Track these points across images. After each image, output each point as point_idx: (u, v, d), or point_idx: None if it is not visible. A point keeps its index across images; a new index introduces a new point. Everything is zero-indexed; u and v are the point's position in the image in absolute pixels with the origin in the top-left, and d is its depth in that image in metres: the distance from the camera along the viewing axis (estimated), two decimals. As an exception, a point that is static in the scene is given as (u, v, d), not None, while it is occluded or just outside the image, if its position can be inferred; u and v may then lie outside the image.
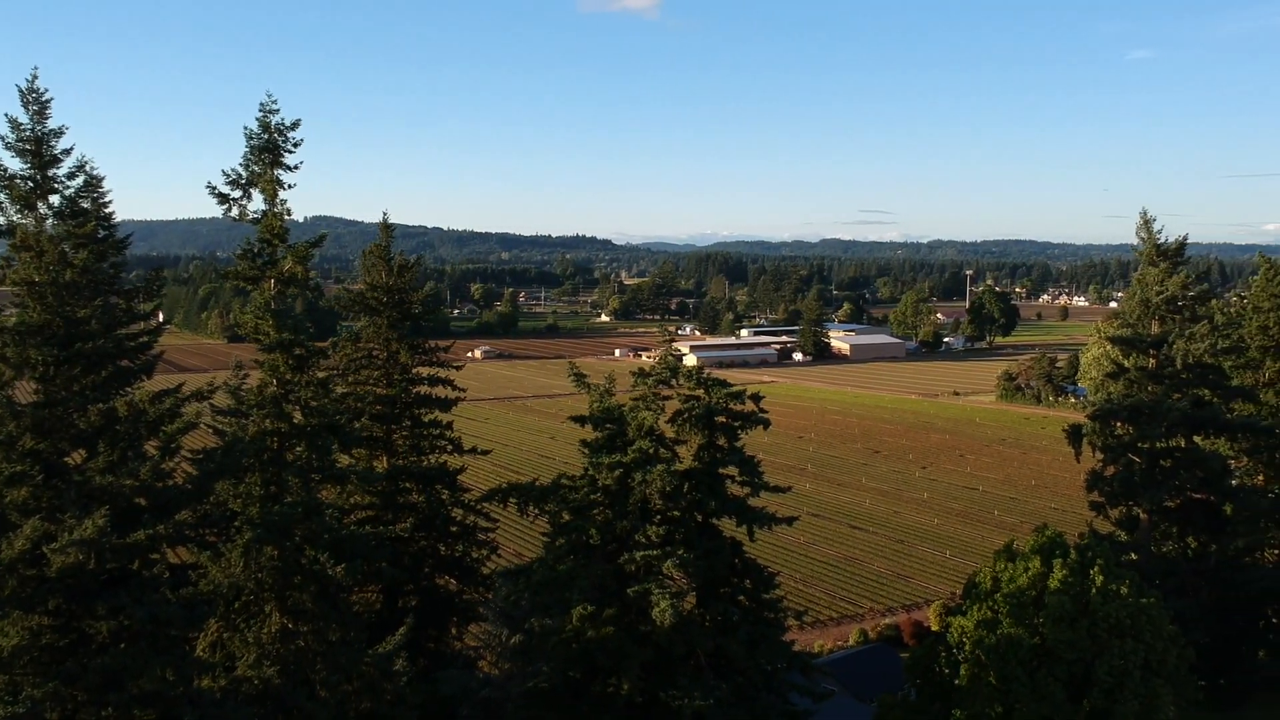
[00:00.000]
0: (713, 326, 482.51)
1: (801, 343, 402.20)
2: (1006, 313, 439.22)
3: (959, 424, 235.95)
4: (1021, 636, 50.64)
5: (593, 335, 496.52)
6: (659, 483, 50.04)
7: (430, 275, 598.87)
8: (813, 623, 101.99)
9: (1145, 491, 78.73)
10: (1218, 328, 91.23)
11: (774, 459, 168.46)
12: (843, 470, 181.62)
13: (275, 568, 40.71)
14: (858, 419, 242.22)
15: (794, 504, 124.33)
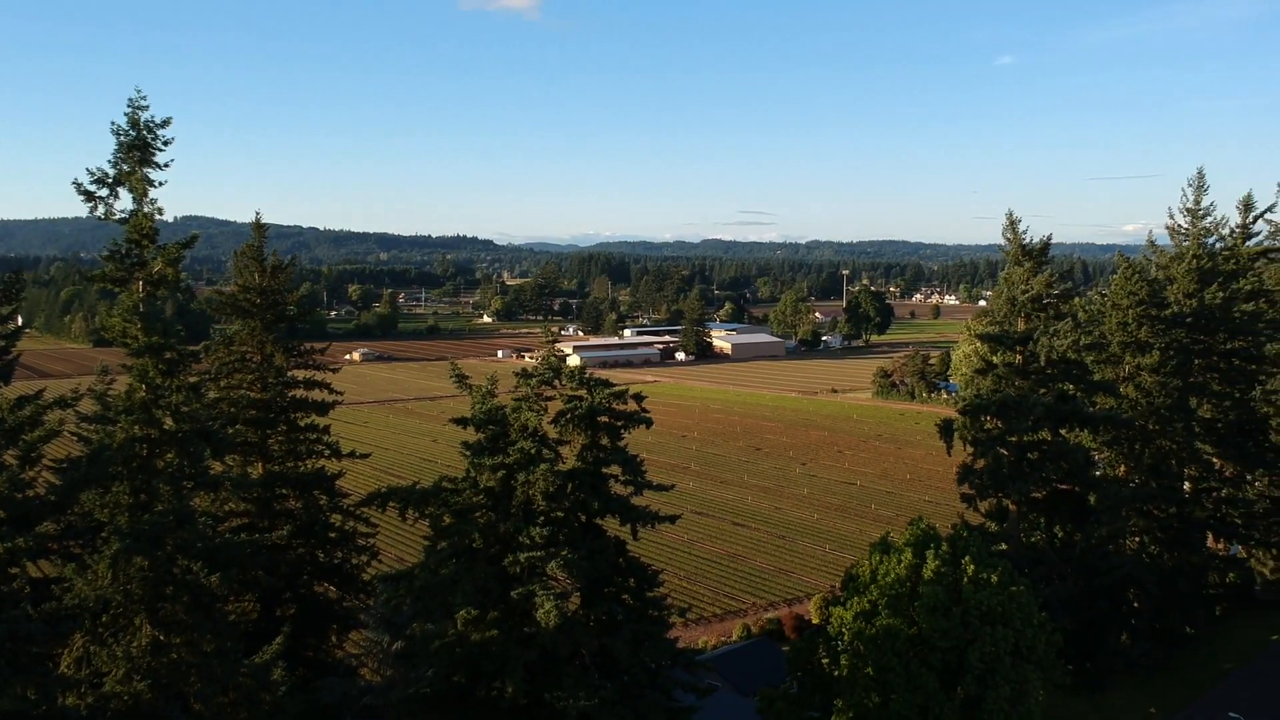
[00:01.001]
0: (596, 327, 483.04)
1: (684, 342, 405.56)
2: (881, 312, 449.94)
3: (837, 421, 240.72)
4: (898, 627, 51.86)
5: (475, 336, 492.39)
6: (542, 483, 49.89)
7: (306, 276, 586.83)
8: (696, 619, 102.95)
9: (1013, 483, 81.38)
10: (1080, 325, 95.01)
11: (657, 458, 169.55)
12: (725, 468, 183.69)
13: (145, 579, 39.39)
14: (740, 417, 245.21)
15: (677, 502, 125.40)
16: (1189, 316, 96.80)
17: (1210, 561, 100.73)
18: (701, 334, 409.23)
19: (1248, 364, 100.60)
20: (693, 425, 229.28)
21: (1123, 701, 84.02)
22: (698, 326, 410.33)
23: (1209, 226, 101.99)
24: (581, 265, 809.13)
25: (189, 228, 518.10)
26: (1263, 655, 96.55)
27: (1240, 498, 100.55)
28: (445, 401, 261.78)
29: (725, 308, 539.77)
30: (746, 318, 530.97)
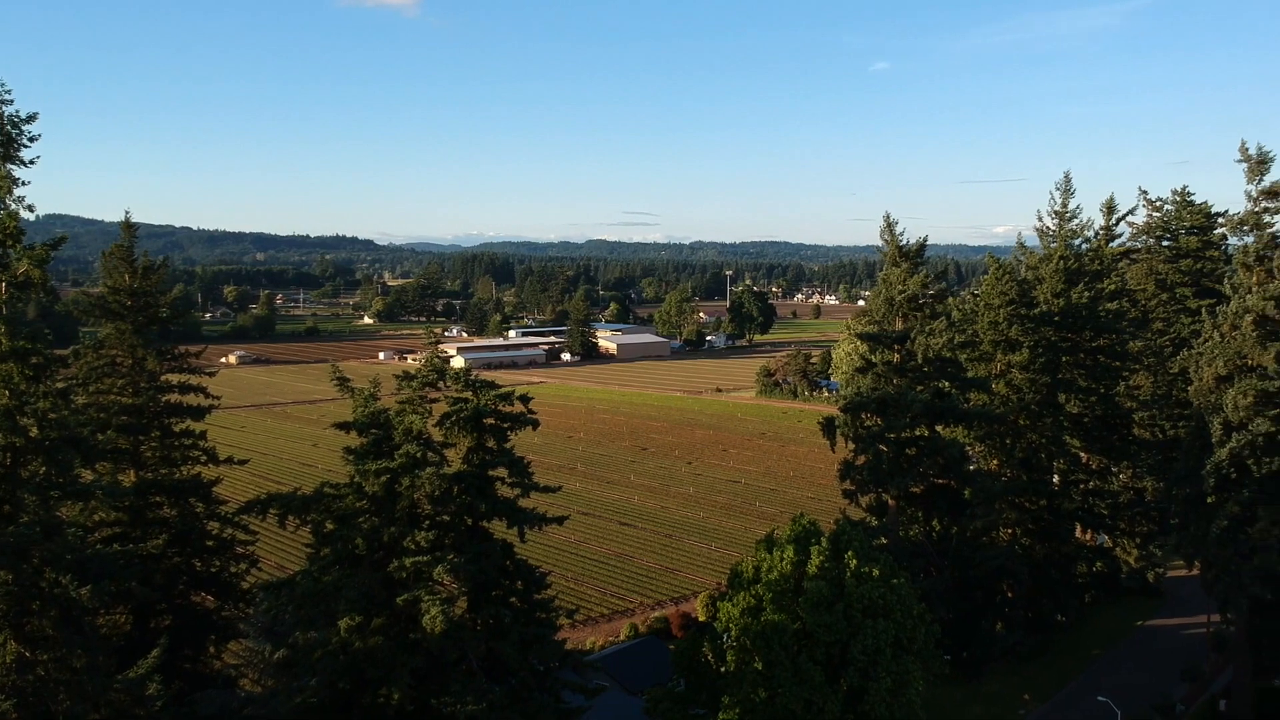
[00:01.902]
0: (480, 328, 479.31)
1: (570, 343, 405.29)
2: (764, 311, 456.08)
3: (722, 419, 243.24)
4: (783, 622, 52.63)
5: (356, 338, 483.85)
6: (427, 487, 49.31)
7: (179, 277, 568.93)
8: (584, 620, 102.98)
9: (893, 478, 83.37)
10: (954, 324, 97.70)
11: (544, 459, 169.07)
12: (612, 468, 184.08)
13: (10, 593, 37.72)
14: (626, 417, 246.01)
15: (564, 503, 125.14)
16: (1057, 315, 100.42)
17: (1078, 551, 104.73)
18: (587, 334, 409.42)
19: (1112, 361, 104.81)
20: (579, 426, 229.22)
21: (998, 688, 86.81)
22: (583, 327, 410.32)
23: (1075, 229, 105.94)
24: (465, 265, 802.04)
25: (54, 227, 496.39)
26: (1127, 640, 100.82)
27: (1106, 490, 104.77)
28: (326, 405, 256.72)
29: (610, 308, 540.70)
30: (632, 318, 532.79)
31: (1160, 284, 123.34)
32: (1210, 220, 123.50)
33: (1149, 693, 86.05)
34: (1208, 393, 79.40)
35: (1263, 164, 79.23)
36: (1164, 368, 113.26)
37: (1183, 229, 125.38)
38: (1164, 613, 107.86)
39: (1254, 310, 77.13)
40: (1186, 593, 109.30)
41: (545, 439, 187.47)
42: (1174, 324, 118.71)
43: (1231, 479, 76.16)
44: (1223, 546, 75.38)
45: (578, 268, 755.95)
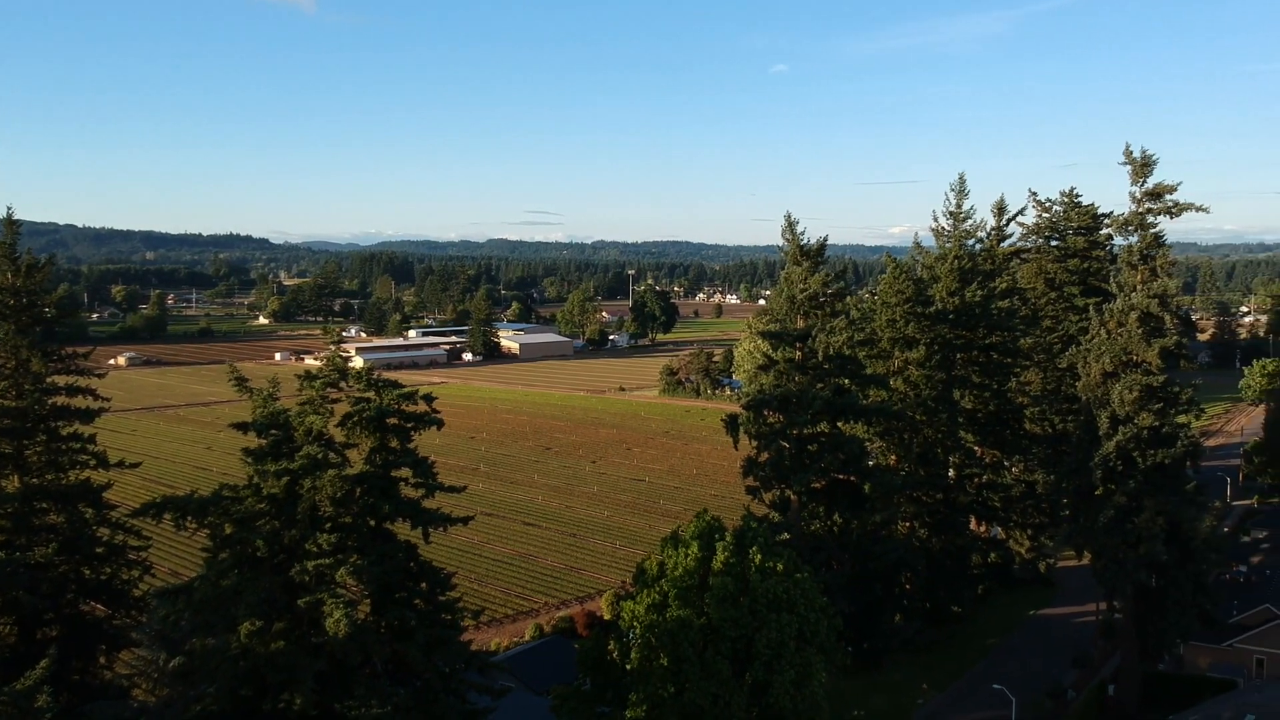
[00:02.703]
0: (379, 328, 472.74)
1: (471, 343, 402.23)
2: (667, 311, 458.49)
3: (625, 418, 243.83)
4: (690, 618, 52.95)
5: (251, 339, 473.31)
6: (330, 488, 48.49)
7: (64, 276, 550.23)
8: (489, 621, 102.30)
9: (795, 474, 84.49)
10: (854, 322, 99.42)
11: (447, 460, 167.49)
12: (515, 468, 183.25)
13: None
14: (529, 417, 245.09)
15: (468, 504, 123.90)
16: (952, 313, 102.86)
17: (973, 543, 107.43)
18: (489, 334, 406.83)
19: (1004, 357, 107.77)
20: (482, 426, 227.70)
21: (898, 678, 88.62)
22: (485, 327, 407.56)
23: (969, 229, 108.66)
24: (363, 265, 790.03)
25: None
26: (1021, 629, 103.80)
27: (999, 483, 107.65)
28: (220, 407, 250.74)
29: (512, 308, 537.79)
30: (534, 318, 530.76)
31: (1049, 283, 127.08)
32: (1096, 221, 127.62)
33: (1042, 679, 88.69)
34: (1095, 388, 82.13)
35: (1146, 166, 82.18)
36: (1053, 364, 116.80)
37: (1070, 229, 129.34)
38: (1055, 602, 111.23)
39: (1138, 308, 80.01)
40: (1076, 582, 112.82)
41: (448, 440, 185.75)
42: (1062, 321, 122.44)
43: (1118, 471, 78.94)
44: (1110, 536, 78.08)
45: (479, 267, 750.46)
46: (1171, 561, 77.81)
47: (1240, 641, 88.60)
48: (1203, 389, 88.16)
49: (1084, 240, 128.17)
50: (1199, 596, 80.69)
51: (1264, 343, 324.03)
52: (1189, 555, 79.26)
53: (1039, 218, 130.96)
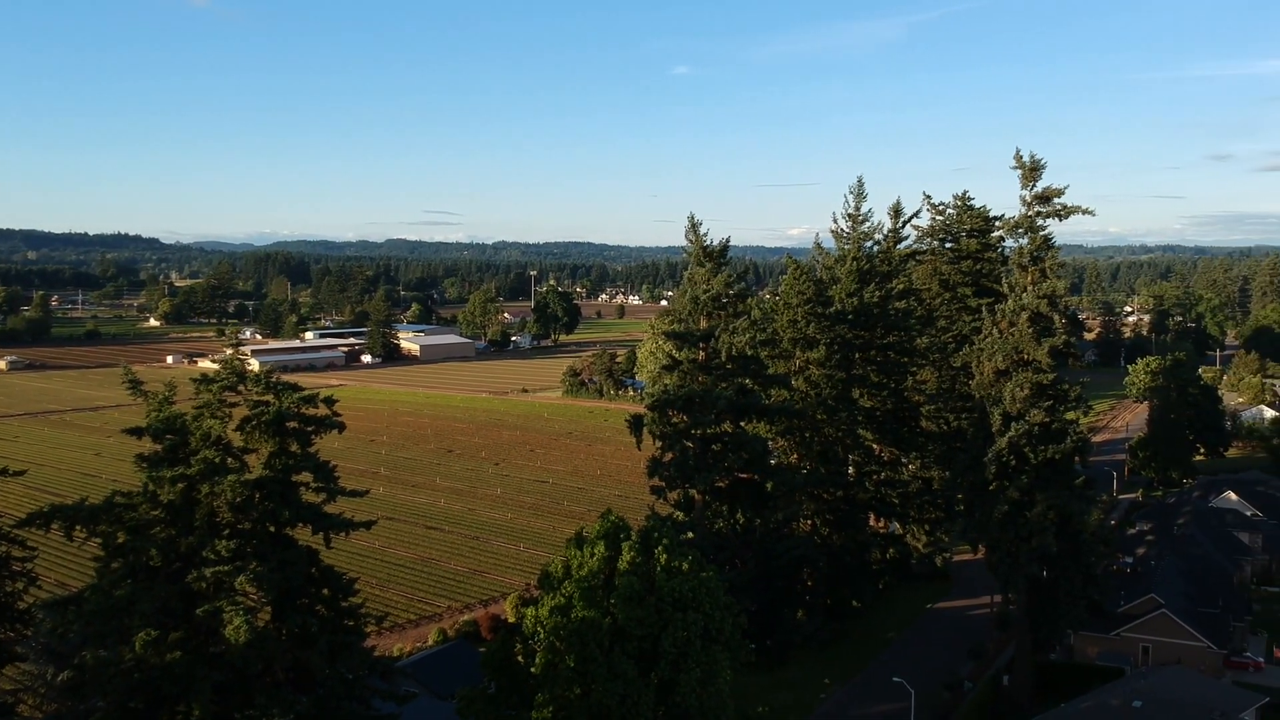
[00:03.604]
0: (275, 329, 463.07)
1: (370, 344, 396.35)
2: (569, 312, 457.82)
3: (528, 420, 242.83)
4: (596, 619, 52.94)
5: (141, 341, 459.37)
6: (228, 494, 47.43)
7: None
8: (392, 627, 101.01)
9: (699, 474, 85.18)
10: (756, 323, 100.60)
11: (348, 464, 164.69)
12: (417, 471, 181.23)
13: None
14: (430, 419, 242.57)
15: (370, 508, 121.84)
16: (851, 314, 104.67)
17: (873, 539, 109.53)
18: (388, 335, 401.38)
19: (901, 357, 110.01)
20: (382, 429, 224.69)
21: (801, 674, 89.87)
22: (384, 328, 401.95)
23: (867, 231, 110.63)
24: (258, 265, 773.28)
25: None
26: (919, 623, 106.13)
27: (897, 480, 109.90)
28: (109, 412, 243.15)
29: (412, 309, 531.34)
30: (435, 319, 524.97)
31: (944, 284, 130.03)
32: (988, 224, 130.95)
33: (940, 671, 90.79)
34: (988, 386, 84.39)
35: (1035, 171, 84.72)
36: (948, 363, 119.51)
37: (963, 232, 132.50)
38: (952, 595, 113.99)
39: (1029, 308, 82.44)
40: (972, 575, 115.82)
41: (347, 443, 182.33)
42: (956, 321, 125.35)
43: (1011, 466, 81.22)
44: (1003, 530, 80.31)
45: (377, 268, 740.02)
46: (1062, 554, 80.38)
47: (1127, 630, 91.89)
48: (1090, 386, 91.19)
49: (976, 242, 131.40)
50: (1088, 587, 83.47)
51: (1147, 341, 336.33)
52: (1078, 548, 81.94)
53: (933, 220, 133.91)
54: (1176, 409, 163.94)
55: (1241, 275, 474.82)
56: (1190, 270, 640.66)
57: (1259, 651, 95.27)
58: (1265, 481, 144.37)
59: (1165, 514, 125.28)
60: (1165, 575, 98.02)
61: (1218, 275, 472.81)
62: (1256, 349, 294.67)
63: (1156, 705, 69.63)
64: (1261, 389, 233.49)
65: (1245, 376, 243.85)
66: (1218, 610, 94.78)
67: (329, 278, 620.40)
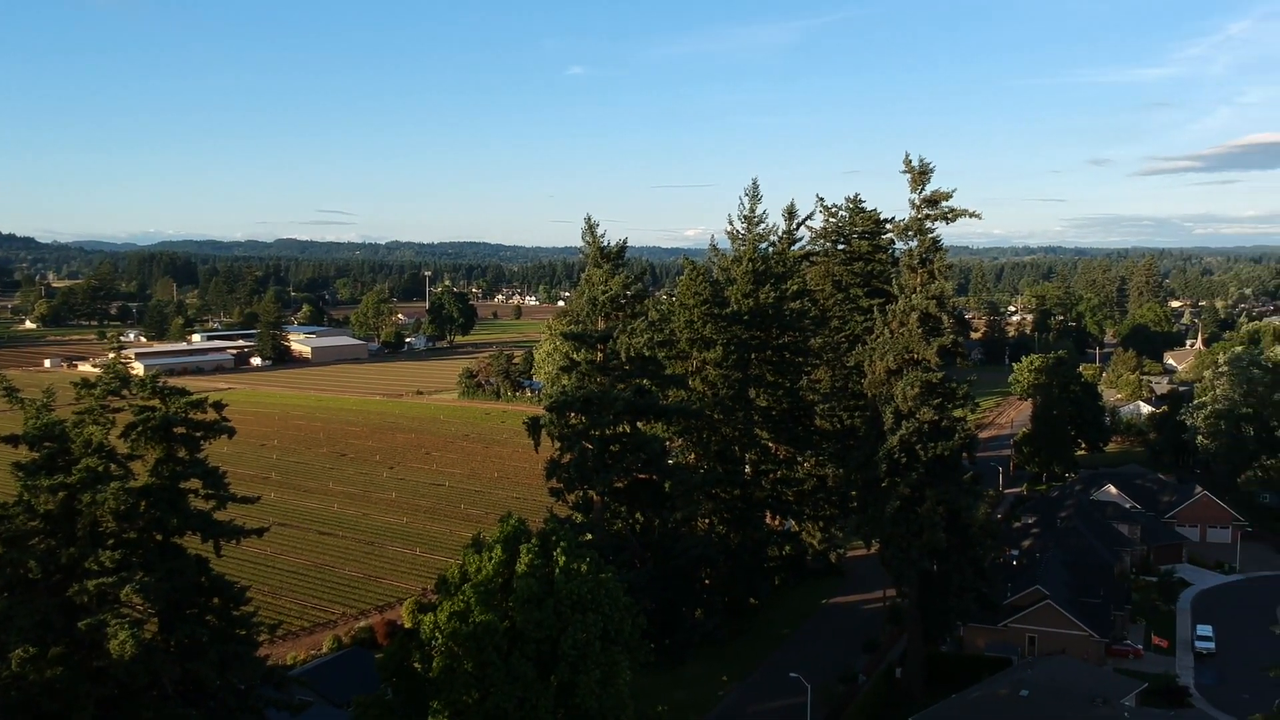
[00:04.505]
0: (160, 332, 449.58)
1: (260, 347, 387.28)
2: (465, 312, 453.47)
3: (424, 422, 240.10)
4: (493, 622, 52.59)
5: (16, 345, 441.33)
6: (112, 503, 45.89)
7: None
8: (285, 635, 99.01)
9: (598, 475, 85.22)
10: (653, 324, 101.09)
11: (237, 469, 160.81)
12: (309, 476, 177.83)
13: None
14: (323, 423, 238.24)
15: (261, 514, 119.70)
16: (747, 314, 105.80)
17: (769, 537, 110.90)
18: (279, 337, 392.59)
19: (796, 357, 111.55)
20: (273, 433, 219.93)
21: (700, 672, 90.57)
22: (274, 330, 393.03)
23: (762, 232, 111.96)
24: (142, 266, 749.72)
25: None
26: (814, 618, 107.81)
27: (793, 478, 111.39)
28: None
29: (304, 310, 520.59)
30: (327, 320, 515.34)
31: (836, 284, 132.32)
32: (879, 226, 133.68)
33: (835, 665, 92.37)
34: (880, 385, 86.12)
35: (924, 175, 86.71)
36: (841, 362, 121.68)
37: (855, 234, 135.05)
38: (846, 590, 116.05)
39: (918, 308, 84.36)
40: (865, 570, 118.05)
41: (237, 448, 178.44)
42: (849, 322, 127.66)
43: (902, 463, 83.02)
44: (895, 525, 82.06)
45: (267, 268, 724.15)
46: (951, 548, 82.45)
47: (1014, 621, 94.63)
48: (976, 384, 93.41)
49: (868, 244, 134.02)
50: (977, 580, 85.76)
51: (1030, 340, 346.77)
52: (967, 541, 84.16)
53: (826, 222, 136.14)
54: (1059, 405, 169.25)
55: (1119, 276, 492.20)
56: (1071, 271, 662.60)
57: (1138, 639, 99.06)
58: (1143, 475, 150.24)
59: (1049, 507, 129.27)
60: (1050, 567, 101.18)
61: (1097, 276, 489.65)
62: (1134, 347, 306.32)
63: (1042, 693, 71.89)
64: (1138, 385, 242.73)
65: (1123, 373, 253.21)
66: (1099, 600, 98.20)
67: (217, 278, 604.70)
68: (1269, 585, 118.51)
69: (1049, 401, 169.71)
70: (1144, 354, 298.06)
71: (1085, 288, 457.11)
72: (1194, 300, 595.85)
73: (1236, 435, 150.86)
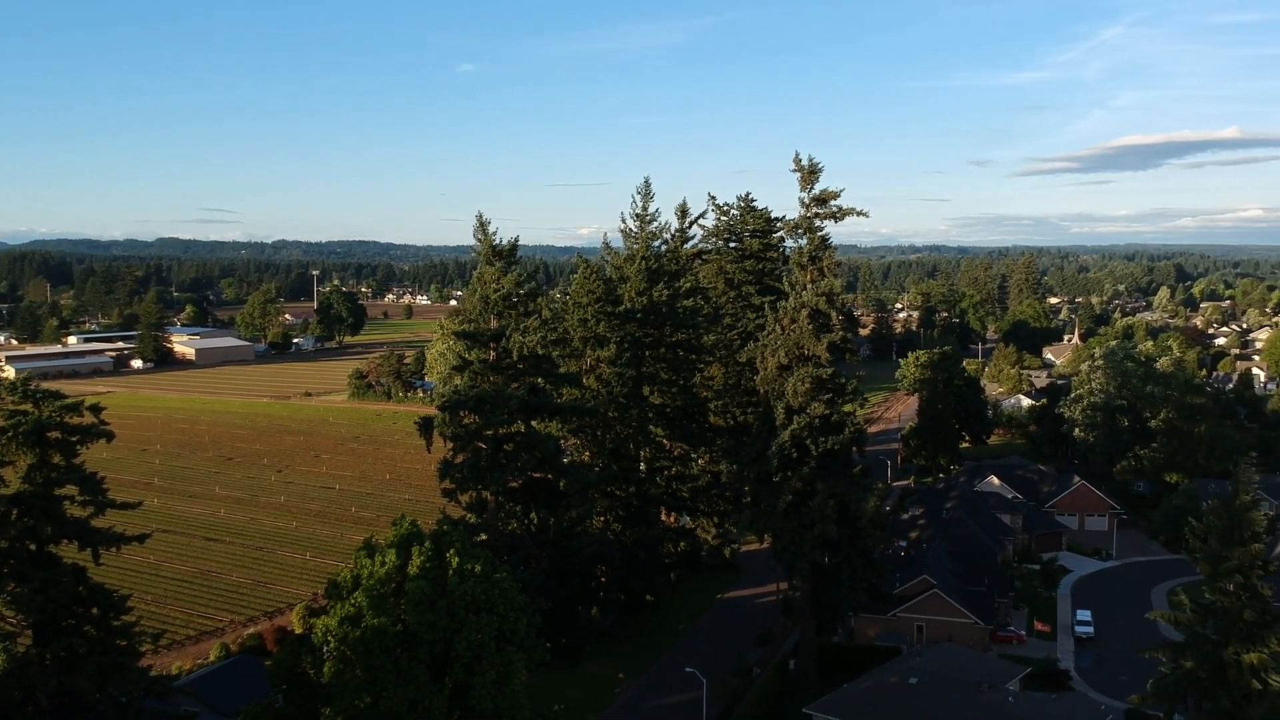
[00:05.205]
0: (34, 334, 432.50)
1: (141, 349, 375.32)
2: (354, 312, 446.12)
3: (313, 424, 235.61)
4: (385, 626, 51.88)
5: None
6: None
7: None
8: (170, 645, 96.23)
9: (492, 475, 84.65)
10: (546, 322, 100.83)
11: (118, 475, 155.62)
12: (194, 480, 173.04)
13: None
14: (208, 426, 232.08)
15: (143, 521, 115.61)
16: (640, 312, 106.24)
17: (665, 534, 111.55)
18: (161, 339, 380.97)
19: (689, 354, 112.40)
20: (155, 437, 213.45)
21: (596, 669, 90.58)
22: (156, 331, 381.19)
23: (655, 231, 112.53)
24: (12, 265, 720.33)
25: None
26: (709, 613, 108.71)
27: (687, 474, 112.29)
28: None
29: (187, 311, 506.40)
30: (211, 321, 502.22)
31: (729, 282, 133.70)
32: (770, 224, 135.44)
33: (730, 659, 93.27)
34: (772, 381, 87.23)
35: (813, 174, 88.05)
36: (734, 359, 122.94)
37: (747, 232, 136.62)
38: (740, 584, 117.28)
39: (809, 305, 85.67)
40: (759, 564, 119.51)
41: (117, 453, 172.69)
42: (741, 319, 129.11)
43: (794, 458, 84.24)
44: (788, 519, 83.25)
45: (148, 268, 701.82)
46: (842, 540, 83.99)
47: (903, 611, 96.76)
48: (865, 380, 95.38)
49: (759, 242, 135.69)
50: (867, 571, 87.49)
51: (916, 336, 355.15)
52: (857, 534, 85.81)
53: (718, 221, 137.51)
54: (944, 399, 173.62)
55: (1000, 274, 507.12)
56: (955, 269, 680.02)
57: (1021, 625, 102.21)
58: (1024, 466, 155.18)
59: (935, 499, 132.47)
60: (936, 557, 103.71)
61: (979, 273, 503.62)
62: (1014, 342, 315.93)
63: (931, 680, 73.68)
64: (1019, 379, 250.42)
65: (1004, 368, 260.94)
66: (984, 588, 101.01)
67: (94, 279, 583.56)
68: (1144, 570, 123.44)
69: (934, 396, 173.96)
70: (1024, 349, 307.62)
71: (968, 285, 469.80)
72: (1071, 297, 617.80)
73: (1112, 427, 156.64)
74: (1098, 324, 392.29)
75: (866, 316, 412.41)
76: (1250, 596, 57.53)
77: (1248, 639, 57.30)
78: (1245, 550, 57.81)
